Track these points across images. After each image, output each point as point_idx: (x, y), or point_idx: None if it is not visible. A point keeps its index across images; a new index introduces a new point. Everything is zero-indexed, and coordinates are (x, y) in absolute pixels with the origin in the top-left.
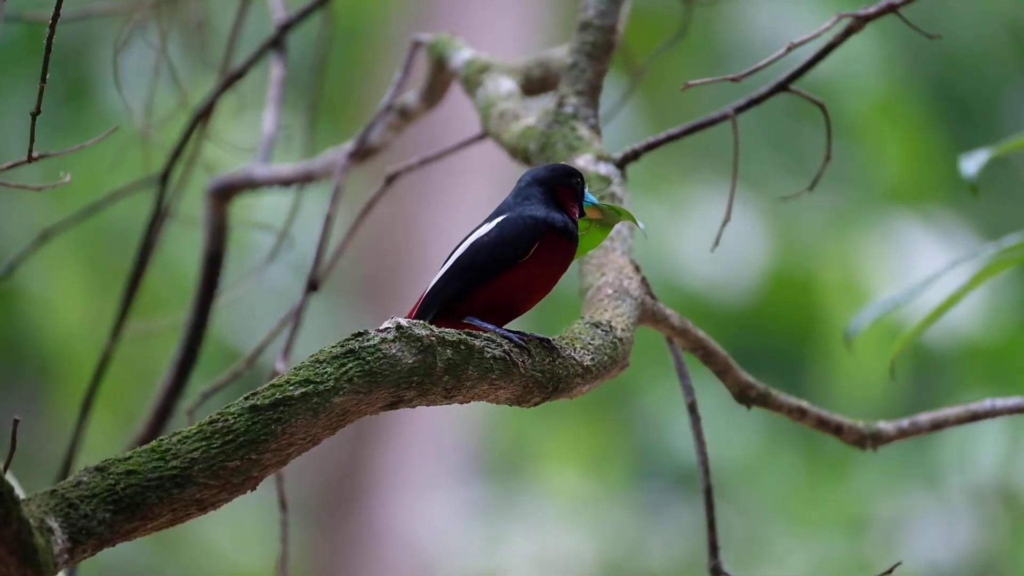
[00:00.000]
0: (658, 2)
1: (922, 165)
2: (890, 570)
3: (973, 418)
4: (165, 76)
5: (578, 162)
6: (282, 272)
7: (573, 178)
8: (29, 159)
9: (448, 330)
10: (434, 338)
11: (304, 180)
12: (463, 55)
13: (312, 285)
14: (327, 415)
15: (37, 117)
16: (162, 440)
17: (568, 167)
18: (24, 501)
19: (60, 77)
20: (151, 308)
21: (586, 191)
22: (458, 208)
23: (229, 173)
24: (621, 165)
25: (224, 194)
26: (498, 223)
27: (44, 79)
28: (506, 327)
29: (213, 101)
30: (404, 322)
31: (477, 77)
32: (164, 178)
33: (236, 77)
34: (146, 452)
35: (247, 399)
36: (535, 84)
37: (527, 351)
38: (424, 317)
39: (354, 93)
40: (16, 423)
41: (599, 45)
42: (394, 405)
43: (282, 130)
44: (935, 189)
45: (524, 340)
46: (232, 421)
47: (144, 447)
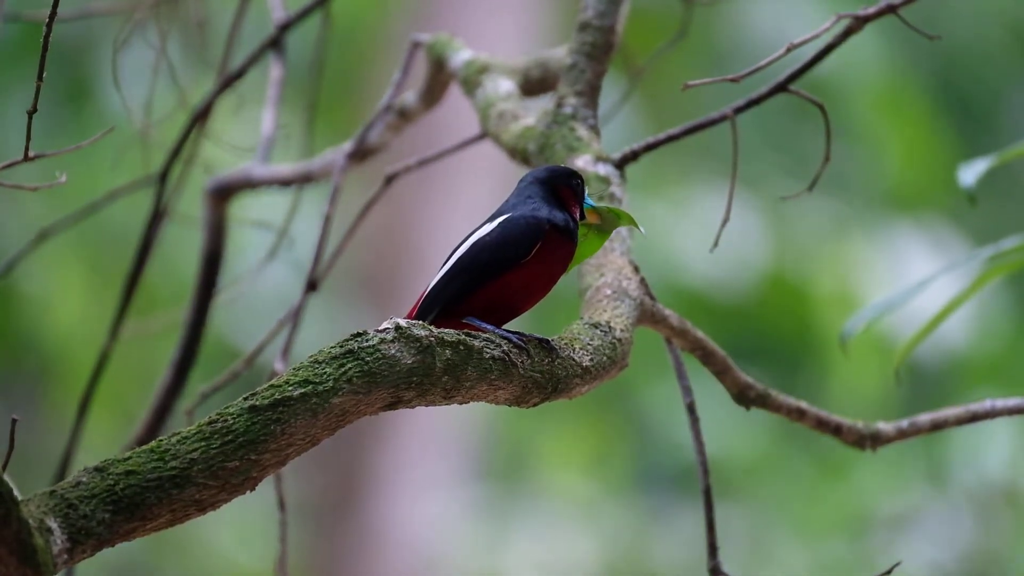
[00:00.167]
0: (658, 2)
1: (922, 165)
2: (890, 570)
3: (973, 419)
4: (164, 76)
5: (577, 163)
6: (281, 272)
7: (574, 180)
8: (25, 158)
9: (447, 330)
10: (433, 338)
11: (303, 180)
12: (462, 55)
13: (311, 285)
14: (326, 415)
15: (36, 117)
16: (161, 440)
17: (569, 169)
18: (23, 501)
19: (60, 77)
20: (150, 308)
21: (586, 194)
22: (457, 208)
23: (228, 173)
24: (620, 166)
25: (223, 194)
26: (500, 222)
27: (41, 77)
28: (505, 327)
29: (212, 101)
30: (403, 322)
31: (476, 77)
32: (163, 178)
33: (235, 77)
34: (145, 452)
35: (246, 399)
36: (534, 84)
37: (526, 351)
38: (424, 317)
39: (353, 93)
40: (15, 422)
41: (598, 45)
42: (393, 406)
43: (281, 130)
44: (935, 190)
45: (523, 340)
46: (231, 421)
47: (143, 447)
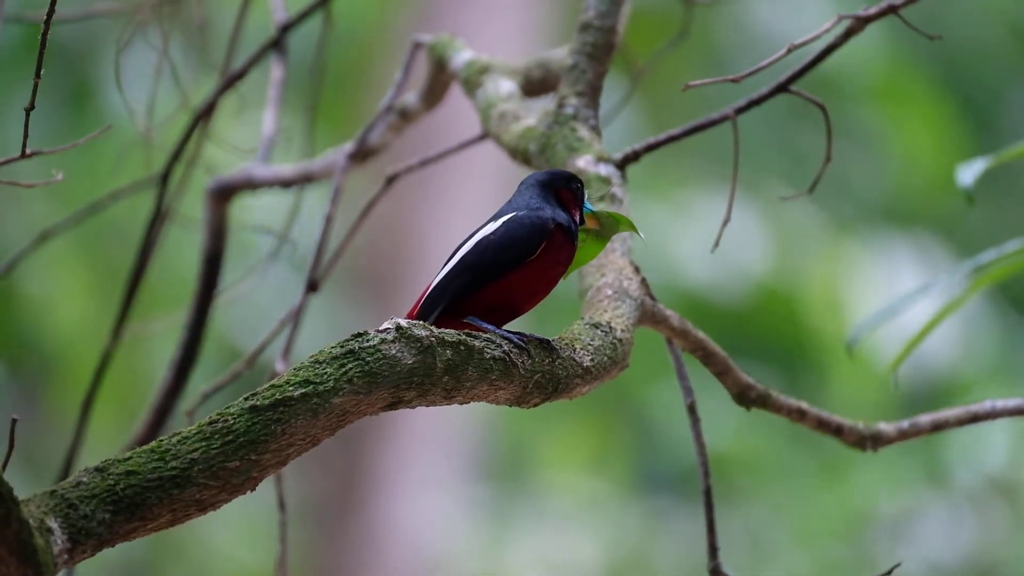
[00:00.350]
0: (658, 3)
1: (923, 165)
2: (890, 571)
3: (974, 419)
4: (166, 77)
5: (578, 163)
6: (282, 272)
7: (574, 184)
8: (23, 155)
9: (447, 331)
10: (433, 339)
11: (304, 181)
12: (463, 56)
13: (312, 285)
14: (327, 416)
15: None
16: (162, 440)
17: (569, 173)
18: (24, 501)
19: (63, 79)
20: (151, 308)
21: (585, 199)
22: (458, 208)
23: (229, 173)
24: (621, 166)
25: (224, 194)
26: (504, 222)
27: (38, 74)
28: (505, 328)
29: (214, 102)
30: (404, 323)
31: (477, 78)
32: (164, 178)
33: (236, 78)
34: (146, 452)
35: (247, 399)
36: (535, 85)
37: (527, 352)
38: (426, 317)
39: (354, 94)
40: (14, 422)
41: (599, 46)
42: (394, 406)
43: (282, 131)
44: (935, 191)
45: (524, 341)
46: (232, 421)
47: (144, 447)
